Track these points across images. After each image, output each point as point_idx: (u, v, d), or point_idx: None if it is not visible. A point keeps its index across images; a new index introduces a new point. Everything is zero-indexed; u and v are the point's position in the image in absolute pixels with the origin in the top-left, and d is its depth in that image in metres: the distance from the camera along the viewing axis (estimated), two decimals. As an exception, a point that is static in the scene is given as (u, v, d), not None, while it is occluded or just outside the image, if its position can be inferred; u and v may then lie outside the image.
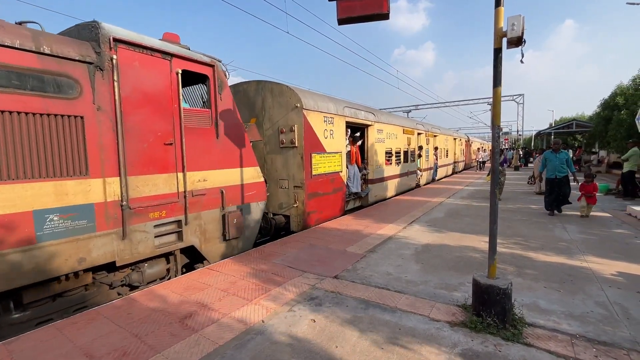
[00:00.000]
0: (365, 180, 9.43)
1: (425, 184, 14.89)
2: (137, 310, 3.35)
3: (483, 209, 8.58)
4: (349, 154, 8.67)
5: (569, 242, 5.46)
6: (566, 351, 2.54)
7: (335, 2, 3.40)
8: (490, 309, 2.84)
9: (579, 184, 7.49)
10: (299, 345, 2.70)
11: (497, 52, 2.84)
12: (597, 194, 7.46)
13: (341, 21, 3.43)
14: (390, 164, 10.74)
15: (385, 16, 3.31)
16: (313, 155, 6.77)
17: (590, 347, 2.59)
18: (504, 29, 2.77)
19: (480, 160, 24.98)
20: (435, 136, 16.39)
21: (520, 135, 36.60)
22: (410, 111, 37.06)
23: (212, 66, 4.79)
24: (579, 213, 7.50)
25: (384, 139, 10.11)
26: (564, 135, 25.52)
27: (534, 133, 43.10)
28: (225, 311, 3.29)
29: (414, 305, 3.34)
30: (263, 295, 3.64)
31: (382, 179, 10.20)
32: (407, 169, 12.41)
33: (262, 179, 5.66)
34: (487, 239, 3.21)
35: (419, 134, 13.90)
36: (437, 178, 16.80)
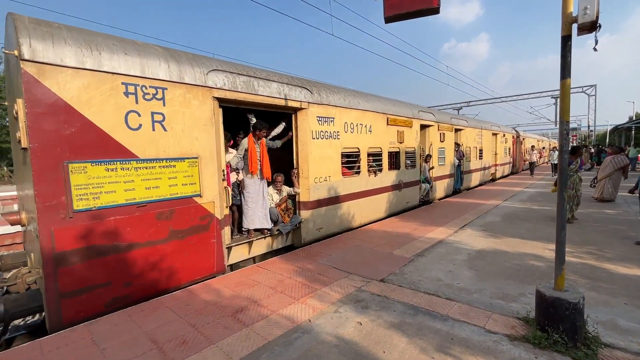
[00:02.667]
0: (295, 204, 5.95)
1: (441, 199, 10.90)
2: (195, 302, 3.60)
3: (546, 213, 7.80)
4: (246, 155, 5.12)
5: (656, 253, 4.73)
6: (654, 379, 2.21)
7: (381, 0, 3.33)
8: (557, 324, 2.57)
9: None
10: (345, 347, 2.69)
11: (566, 40, 2.57)
12: None
13: (388, 19, 3.35)
14: (357, 173, 7.06)
15: (435, 10, 3.16)
16: (75, 167, 3.22)
17: (687, 378, 2.22)
18: (574, 14, 2.50)
19: (534, 161, 19.24)
20: (459, 130, 11.98)
21: (591, 131, 32.64)
22: (461, 108, 35.06)
23: None
24: None
25: (337, 132, 6.39)
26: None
27: (609, 128, 38.23)
28: (273, 308, 3.40)
29: (468, 315, 3.15)
30: (309, 294, 3.70)
31: (336, 200, 6.43)
32: (398, 179, 8.42)
33: None
34: (551, 246, 2.92)
35: (424, 126, 9.69)
36: (462, 188, 12.41)
